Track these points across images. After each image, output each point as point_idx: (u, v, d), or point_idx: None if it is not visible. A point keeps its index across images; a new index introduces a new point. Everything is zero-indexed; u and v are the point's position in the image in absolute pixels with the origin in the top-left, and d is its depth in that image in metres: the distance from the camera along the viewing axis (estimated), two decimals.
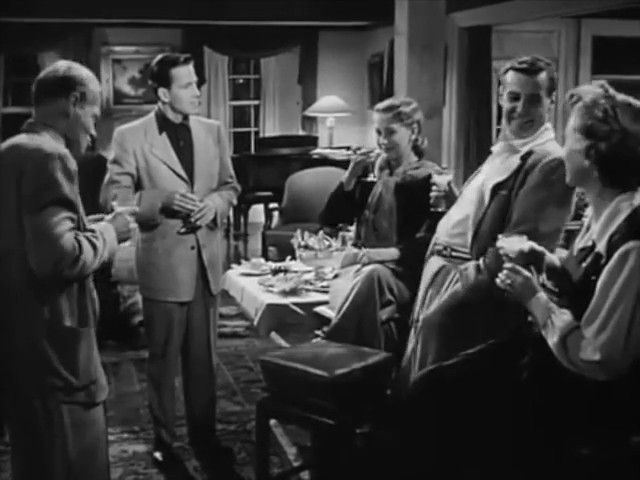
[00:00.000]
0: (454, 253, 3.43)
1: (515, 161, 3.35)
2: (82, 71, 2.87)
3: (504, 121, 3.44)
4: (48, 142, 2.71)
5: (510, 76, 3.37)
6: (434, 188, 3.65)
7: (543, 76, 3.34)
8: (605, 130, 2.60)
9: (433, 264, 3.51)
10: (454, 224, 3.49)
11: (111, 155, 4.05)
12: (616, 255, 2.53)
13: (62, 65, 2.88)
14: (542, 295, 2.73)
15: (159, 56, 4.03)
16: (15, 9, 8.55)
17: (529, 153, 3.33)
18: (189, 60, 3.98)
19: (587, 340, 2.55)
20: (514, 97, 3.36)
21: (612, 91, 2.68)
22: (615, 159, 2.60)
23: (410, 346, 3.55)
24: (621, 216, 2.61)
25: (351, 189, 4.25)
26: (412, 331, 3.58)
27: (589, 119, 2.62)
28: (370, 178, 4.19)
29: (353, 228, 4.45)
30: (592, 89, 2.70)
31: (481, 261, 3.30)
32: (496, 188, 3.35)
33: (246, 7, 9.41)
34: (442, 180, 3.64)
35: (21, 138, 2.76)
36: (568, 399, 2.62)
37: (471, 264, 3.34)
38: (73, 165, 2.69)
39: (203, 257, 4.08)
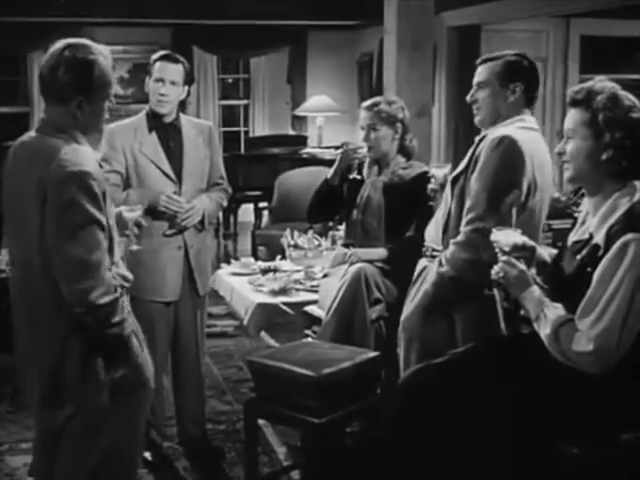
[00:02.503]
0: (434, 253, 3.44)
1: (471, 150, 3.36)
2: (85, 64, 2.57)
3: None
4: (68, 152, 2.53)
5: None
6: (432, 181, 3.65)
7: (495, 64, 3.34)
8: (634, 118, 2.61)
9: (419, 265, 3.52)
10: (434, 223, 3.51)
11: (100, 153, 4.04)
12: (615, 246, 2.54)
13: (60, 62, 2.57)
14: (535, 289, 2.73)
15: None
16: (3, 8, 8.52)
17: (482, 139, 3.32)
18: (176, 60, 3.98)
19: (581, 332, 2.55)
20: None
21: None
22: None
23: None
24: (620, 210, 2.62)
25: (336, 184, 4.25)
26: None
27: (616, 110, 2.62)
28: (352, 175, 4.20)
29: (343, 228, 4.45)
30: (600, 84, 2.69)
31: (442, 254, 3.32)
32: (454, 180, 3.37)
33: (235, 7, 9.40)
34: (440, 173, 3.63)
35: (38, 141, 2.61)
36: (557, 398, 2.63)
37: (436, 260, 3.36)
38: (97, 182, 2.51)
39: (190, 257, 4.07)
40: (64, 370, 2.60)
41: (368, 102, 4.22)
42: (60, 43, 2.64)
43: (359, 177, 4.20)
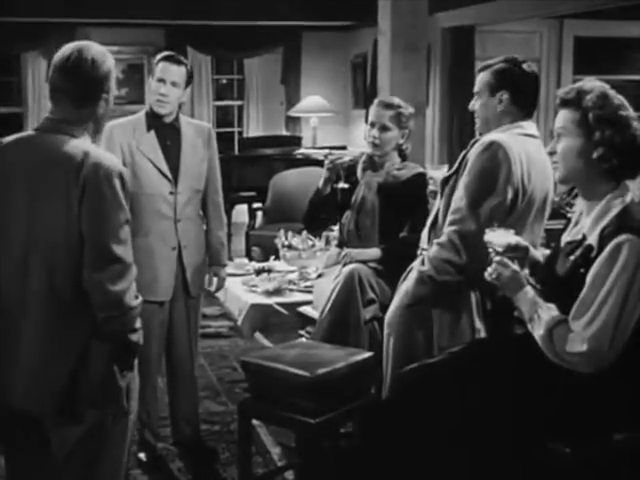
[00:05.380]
0: (424, 252, 3.46)
1: (463, 152, 3.39)
2: (105, 64, 2.66)
3: None
4: (95, 150, 2.53)
5: None
6: (431, 182, 3.69)
7: (486, 73, 3.35)
8: (624, 116, 2.62)
9: (411, 266, 3.55)
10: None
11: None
12: (608, 247, 2.54)
13: (85, 60, 2.60)
14: (529, 289, 2.73)
15: None
16: None
17: (475, 142, 3.34)
18: (179, 61, 4.00)
19: (575, 333, 2.56)
20: None
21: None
22: (635, 146, 2.62)
23: None
24: (613, 211, 2.62)
25: (328, 193, 4.26)
26: None
27: (605, 108, 2.63)
28: (340, 185, 4.19)
29: (337, 228, 4.46)
30: (589, 84, 2.70)
31: (425, 253, 3.34)
32: (445, 181, 3.40)
33: (229, 7, 9.40)
34: (438, 174, 3.66)
35: (47, 139, 2.56)
36: (550, 398, 2.63)
37: (419, 258, 3.40)
38: (127, 183, 2.54)
39: (183, 258, 4.07)
40: (81, 382, 2.52)
41: (388, 100, 4.21)
42: (71, 45, 2.65)
43: (347, 186, 4.19)
